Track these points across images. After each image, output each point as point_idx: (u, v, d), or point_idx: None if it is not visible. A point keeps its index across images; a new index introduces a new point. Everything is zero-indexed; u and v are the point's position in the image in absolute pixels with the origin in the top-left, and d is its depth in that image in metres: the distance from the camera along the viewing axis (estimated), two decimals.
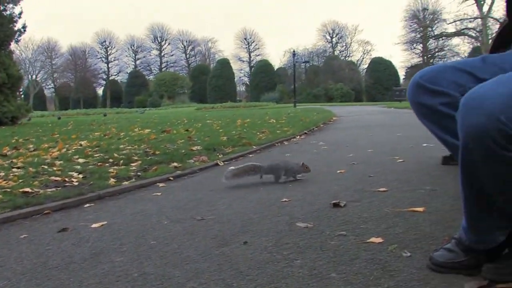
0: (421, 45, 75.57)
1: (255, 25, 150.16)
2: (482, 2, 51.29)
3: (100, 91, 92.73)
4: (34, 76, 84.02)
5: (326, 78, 71.97)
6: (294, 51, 55.07)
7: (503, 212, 1.64)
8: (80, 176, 4.70)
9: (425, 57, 74.92)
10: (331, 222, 2.77)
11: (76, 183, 4.39)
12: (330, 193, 3.66)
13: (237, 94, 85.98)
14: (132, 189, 4.34)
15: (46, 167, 5.22)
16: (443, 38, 68.07)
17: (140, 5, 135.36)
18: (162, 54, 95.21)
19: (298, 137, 9.56)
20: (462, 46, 65.25)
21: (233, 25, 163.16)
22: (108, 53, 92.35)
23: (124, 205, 3.71)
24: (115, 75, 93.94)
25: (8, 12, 22.25)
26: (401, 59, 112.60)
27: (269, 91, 70.21)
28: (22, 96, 64.58)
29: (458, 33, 60.94)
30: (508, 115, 1.37)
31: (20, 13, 22.92)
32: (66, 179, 4.52)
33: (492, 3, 50.21)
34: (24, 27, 23.53)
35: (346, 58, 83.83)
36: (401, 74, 79.05)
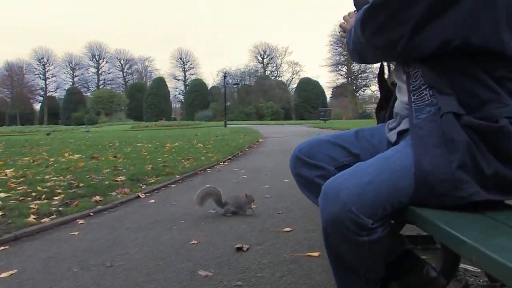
0: (345, 67, 77.50)
1: (190, 45, 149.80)
2: None
3: (37, 107, 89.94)
4: None
5: (257, 96, 72.64)
6: (225, 72, 55.58)
7: (369, 278, 1.74)
8: None
9: (349, 78, 76.93)
10: (231, 270, 2.82)
11: None
12: (237, 234, 3.72)
13: (173, 112, 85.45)
14: (51, 227, 4.22)
15: None
16: None
17: (78, 24, 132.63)
18: (100, 72, 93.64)
19: (222, 163, 9.58)
20: None
21: (169, 45, 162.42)
22: (46, 70, 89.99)
23: (39, 247, 3.61)
24: (52, 91, 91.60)
25: None
26: (327, 79, 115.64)
27: (203, 109, 70.18)
28: None
29: None
30: (359, 206, 1.46)
31: None
32: None
33: None
34: None
35: (277, 78, 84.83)
36: (328, 93, 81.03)
